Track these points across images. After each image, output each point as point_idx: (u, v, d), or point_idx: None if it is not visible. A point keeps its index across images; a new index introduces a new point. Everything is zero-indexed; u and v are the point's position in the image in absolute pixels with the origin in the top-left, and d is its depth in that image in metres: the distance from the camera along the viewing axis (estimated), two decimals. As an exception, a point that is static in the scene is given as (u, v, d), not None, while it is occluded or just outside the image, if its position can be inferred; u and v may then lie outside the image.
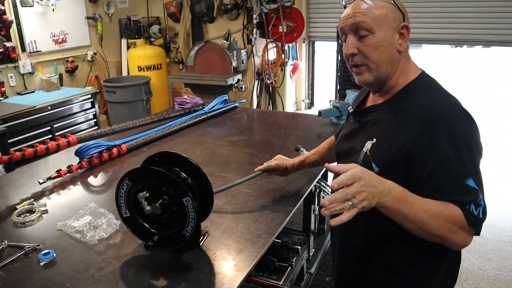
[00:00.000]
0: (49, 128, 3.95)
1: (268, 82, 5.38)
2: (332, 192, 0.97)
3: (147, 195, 1.42)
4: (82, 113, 4.42)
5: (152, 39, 5.52)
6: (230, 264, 1.45)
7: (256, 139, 1.81)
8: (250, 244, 1.56)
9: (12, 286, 1.36)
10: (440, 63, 11.24)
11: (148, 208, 1.41)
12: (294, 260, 2.22)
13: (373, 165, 1.19)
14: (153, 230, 1.48)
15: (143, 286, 1.36)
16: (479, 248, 3.19)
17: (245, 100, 4.08)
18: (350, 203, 0.95)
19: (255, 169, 1.84)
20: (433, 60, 11.32)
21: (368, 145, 1.24)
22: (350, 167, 0.98)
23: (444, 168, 1.08)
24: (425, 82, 1.24)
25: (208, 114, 3.14)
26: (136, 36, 5.47)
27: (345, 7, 1.26)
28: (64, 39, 4.77)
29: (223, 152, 2.48)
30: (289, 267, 2.16)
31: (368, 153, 1.23)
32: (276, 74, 5.46)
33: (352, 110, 1.44)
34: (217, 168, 2.24)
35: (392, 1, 1.20)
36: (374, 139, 1.23)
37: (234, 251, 1.52)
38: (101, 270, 1.42)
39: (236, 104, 3.40)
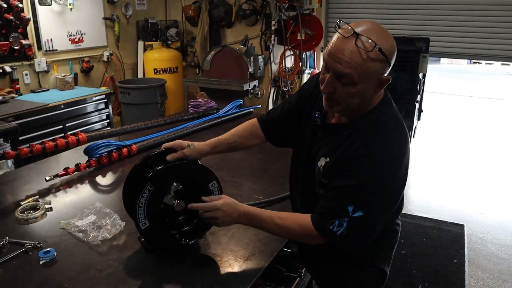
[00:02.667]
0: (61, 126, 3.93)
1: (285, 89, 5.31)
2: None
3: (180, 187, 1.37)
4: (96, 113, 4.40)
5: (169, 42, 5.50)
6: (236, 271, 1.38)
7: (270, 145, 1.74)
8: (258, 252, 1.48)
9: (9, 284, 1.31)
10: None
11: (176, 203, 1.37)
12: (303, 271, 2.13)
13: (322, 179, 1.33)
14: (173, 232, 1.42)
15: (143, 291, 1.29)
16: (493, 268, 3.06)
17: (260, 106, 4.02)
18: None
19: (168, 158, 1.43)
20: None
21: (322, 162, 1.33)
22: (216, 199, 1.37)
23: (336, 191, 1.27)
24: (377, 115, 1.28)
25: (222, 118, 3.08)
26: (153, 39, 5.46)
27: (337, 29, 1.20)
28: (80, 38, 4.78)
29: (235, 157, 2.41)
30: (298, 278, 2.07)
31: (321, 169, 1.33)
32: (293, 82, 5.40)
33: (319, 121, 1.41)
34: (229, 172, 2.18)
35: (384, 56, 1.15)
36: (328, 158, 1.31)
37: (241, 258, 1.44)
38: (102, 272, 1.35)
39: (251, 110, 3.33)
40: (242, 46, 5.12)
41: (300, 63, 5.22)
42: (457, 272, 2.95)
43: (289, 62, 5.34)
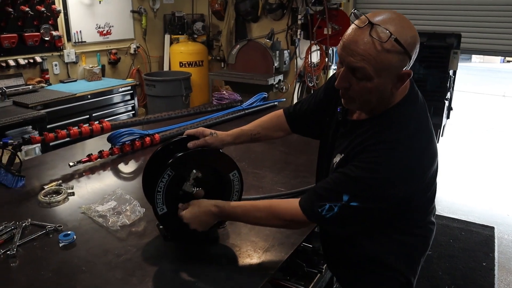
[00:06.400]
0: (87, 116, 3.98)
1: (310, 85, 5.24)
2: None
3: (200, 175, 1.34)
4: (121, 104, 4.44)
5: (195, 36, 5.51)
6: (254, 263, 1.35)
7: (293, 138, 1.70)
8: (278, 244, 1.45)
9: (29, 264, 1.32)
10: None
11: (195, 190, 1.35)
12: (324, 267, 2.08)
13: None
14: None
15: (159, 277, 1.27)
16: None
17: (284, 99, 3.97)
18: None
19: (189, 144, 1.40)
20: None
21: (337, 158, 1.27)
22: (181, 210, 1.35)
23: (335, 175, 1.21)
24: (398, 112, 1.19)
25: (246, 111, 3.05)
26: (180, 32, 5.48)
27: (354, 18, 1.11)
28: (108, 31, 4.83)
29: (257, 149, 2.38)
30: (319, 274, 2.02)
31: (335, 165, 1.27)
32: (319, 77, 5.32)
33: (340, 117, 1.35)
34: (250, 164, 2.15)
35: (401, 47, 1.06)
36: (342, 155, 1.25)
37: (260, 249, 1.41)
38: (119, 257, 1.35)
39: (276, 103, 3.30)
40: (268, 40, 5.07)
41: (326, 59, 5.14)
42: (486, 275, 2.84)
43: (315, 57, 5.26)
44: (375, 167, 1.13)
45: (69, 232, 1.44)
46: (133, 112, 4.58)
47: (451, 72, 4.14)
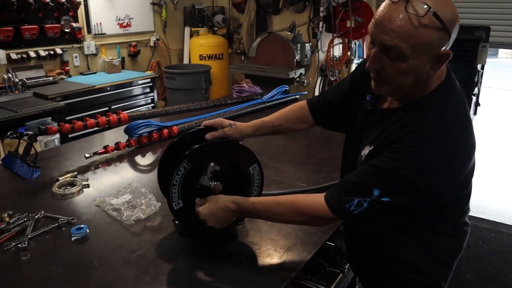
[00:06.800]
0: (106, 108, 3.95)
1: (332, 79, 5.11)
2: None
3: (218, 168, 1.26)
4: (141, 96, 4.42)
5: (216, 29, 5.44)
6: (275, 263, 1.27)
7: (315, 131, 1.61)
8: (300, 243, 1.36)
9: (40, 257, 1.27)
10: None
11: (213, 184, 1.27)
12: (347, 267, 1.99)
13: None
14: None
15: (174, 275, 1.21)
16: None
17: (306, 93, 3.86)
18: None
19: (207, 136, 1.33)
20: None
21: (366, 150, 1.18)
22: (198, 206, 1.27)
23: (365, 167, 1.10)
24: (435, 99, 1.09)
25: (267, 104, 2.96)
26: (200, 25, 5.42)
27: None
28: (128, 23, 4.80)
29: (279, 143, 2.30)
30: (341, 274, 1.93)
31: (363, 157, 1.18)
32: (341, 71, 5.19)
33: (369, 105, 1.24)
34: (271, 158, 2.06)
35: (441, 23, 0.96)
36: (372, 146, 1.15)
37: (281, 249, 1.33)
38: (133, 253, 1.28)
39: (297, 96, 3.20)
40: (289, 33, 4.96)
41: (349, 52, 5.00)
42: (517, 279, 2.70)
43: (337, 51, 5.13)
44: (409, 157, 1.03)
45: (82, 226, 1.39)
46: (153, 105, 4.55)
47: (479, 66, 3.97)
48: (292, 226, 1.42)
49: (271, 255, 1.30)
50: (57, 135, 2.98)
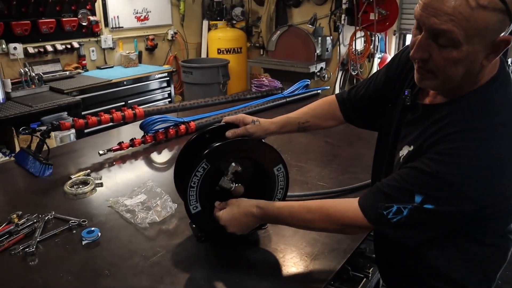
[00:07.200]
0: (123, 103, 3.90)
1: (354, 73, 4.96)
2: None
3: (239, 168, 1.16)
4: (158, 91, 4.34)
5: (234, 22, 5.34)
6: (301, 272, 1.16)
7: (340, 128, 1.49)
8: (328, 251, 1.25)
9: (48, 264, 1.19)
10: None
11: (234, 186, 1.17)
12: (371, 271, 1.88)
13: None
14: None
15: (191, 286, 1.10)
16: None
17: (328, 87, 3.73)
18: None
19: (227, 133, 1.23)
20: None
21: (405, 151, 1.06)
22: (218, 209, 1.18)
23: (405, 171, 0.99)
24: (487, 95, 0.95)
25: (288, 99, 2.84)
26: (218, 18, 5.32)
27: None
28: (146, 16, 4.73)
29: (301, 140, 2.17)
30: (365, 279, 1.82)
31: (401, 160, 1.06)
32: (363, 66, 5.03)
33: (408, 101, 1.11)
34: (294, 156, 1.94)
35: (504, 2, 0.82)
36: (412, 146, 1.04)
37: (308, 257, 1.21)
38: (147, 260, 1.19)
39: (319, 91, 3.07)
40: (310, 26, 4.82)
41: (371, 46, 4.83)
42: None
43: (360, 45, 4.97)
44: (458, 160, 0.90)
45: (93, 229, 1.30)
46: (169, 99, 4.48)
47: (509, 60, 3.78)
48: (319, 233, 1.30)
49: (296, 265, 1.19)
50: (73, 130, 2.94)
